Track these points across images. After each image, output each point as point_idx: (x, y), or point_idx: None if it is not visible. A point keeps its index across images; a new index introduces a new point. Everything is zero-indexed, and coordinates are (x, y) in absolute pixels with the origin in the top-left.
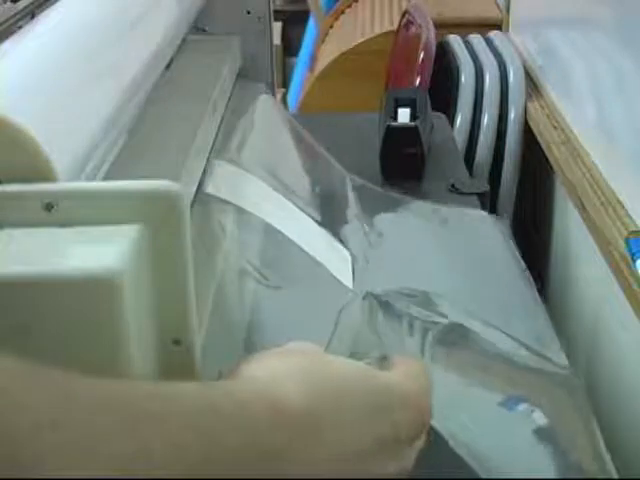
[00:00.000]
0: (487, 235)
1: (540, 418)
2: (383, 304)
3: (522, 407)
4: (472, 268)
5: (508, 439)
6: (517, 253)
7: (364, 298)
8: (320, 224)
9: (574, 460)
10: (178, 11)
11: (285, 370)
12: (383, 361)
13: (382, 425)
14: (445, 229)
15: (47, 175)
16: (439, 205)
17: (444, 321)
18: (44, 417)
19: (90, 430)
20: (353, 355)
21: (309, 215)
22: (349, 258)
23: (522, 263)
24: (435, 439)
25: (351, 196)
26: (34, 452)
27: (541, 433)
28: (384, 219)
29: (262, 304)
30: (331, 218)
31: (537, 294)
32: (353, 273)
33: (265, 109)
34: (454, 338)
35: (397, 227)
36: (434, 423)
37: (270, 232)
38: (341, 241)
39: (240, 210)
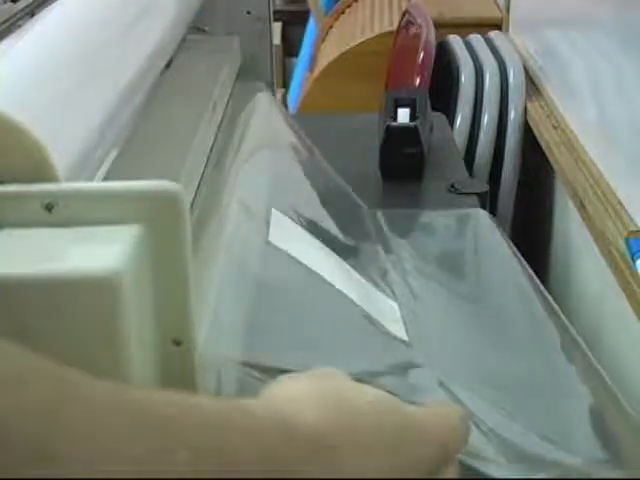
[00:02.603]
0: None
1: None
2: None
3: None
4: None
5: None
6: (527, 267)
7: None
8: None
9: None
10: (177, 11)
11: (303, 392)
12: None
13: (400, 457)
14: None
15: (47, 175)
16: (440, 212)
17: None
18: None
19: (103, 430)
20: None
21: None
22: (397, 308)
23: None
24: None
25: (369, 227)
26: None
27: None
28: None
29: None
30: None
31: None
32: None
33: (265, 112)
34: None
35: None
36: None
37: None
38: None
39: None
